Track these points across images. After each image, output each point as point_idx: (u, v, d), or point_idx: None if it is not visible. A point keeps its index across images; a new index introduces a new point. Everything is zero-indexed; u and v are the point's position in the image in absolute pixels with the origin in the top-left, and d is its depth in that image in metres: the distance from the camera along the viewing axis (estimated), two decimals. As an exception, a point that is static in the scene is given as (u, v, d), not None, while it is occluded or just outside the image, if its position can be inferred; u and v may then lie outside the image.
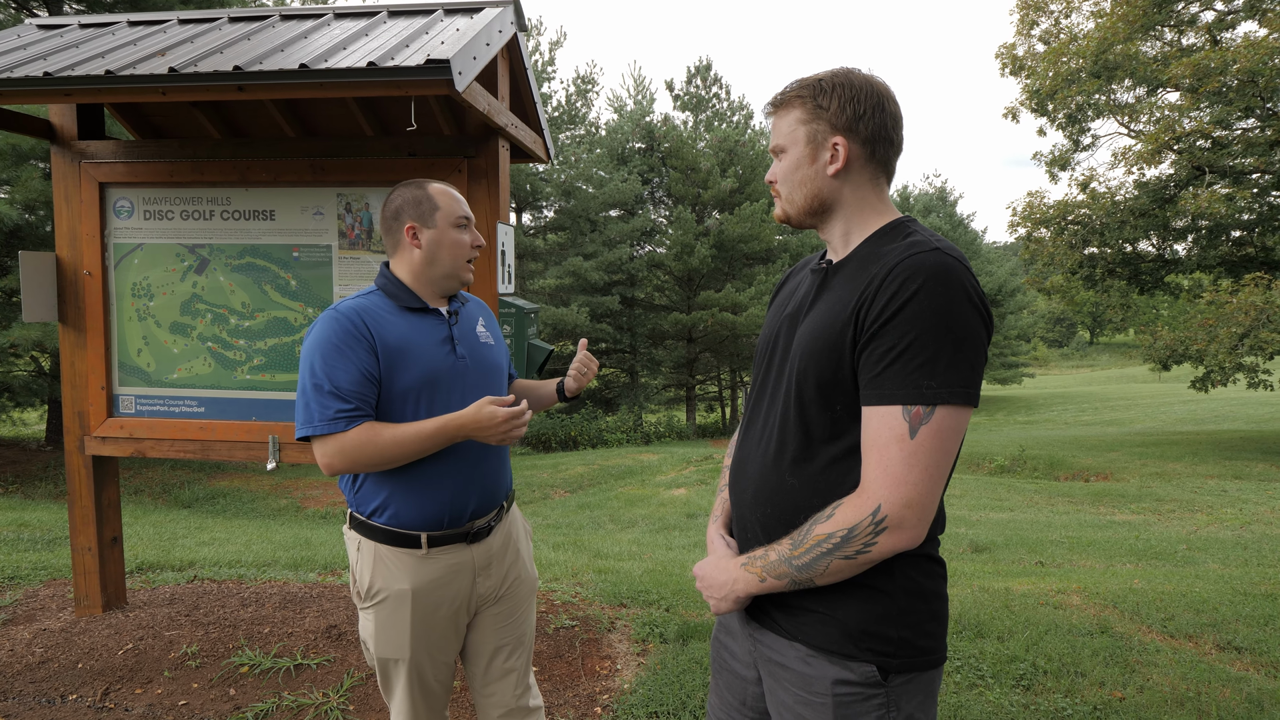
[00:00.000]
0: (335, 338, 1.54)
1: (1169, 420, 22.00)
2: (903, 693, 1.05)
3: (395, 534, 1.60)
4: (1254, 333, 11.34)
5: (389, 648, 1.62)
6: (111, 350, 3.05)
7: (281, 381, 2.99)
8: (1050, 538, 6.92)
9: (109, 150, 2.97)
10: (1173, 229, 14.97)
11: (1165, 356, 13.15)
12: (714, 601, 1.17)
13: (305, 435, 1.53)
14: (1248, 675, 2.89)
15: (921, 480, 0.98)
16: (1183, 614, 3.53)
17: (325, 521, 8.56)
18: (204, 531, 6.27)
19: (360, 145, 2.89)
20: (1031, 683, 2.79)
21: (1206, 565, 5.52)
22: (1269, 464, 11.44)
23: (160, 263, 3.01)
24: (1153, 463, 12.02)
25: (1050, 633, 3.26)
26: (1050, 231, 15.69)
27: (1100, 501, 9.39)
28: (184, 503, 9.40)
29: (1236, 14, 14.18)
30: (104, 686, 2.63)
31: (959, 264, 1.01)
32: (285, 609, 3.25)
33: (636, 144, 25.31)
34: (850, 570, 1.03)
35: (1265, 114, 12.96)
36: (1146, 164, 13.92)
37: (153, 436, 3.02)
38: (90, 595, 3.15)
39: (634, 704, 2.58)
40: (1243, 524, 7.57)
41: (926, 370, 0.97)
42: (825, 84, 1.12)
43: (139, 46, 2.56)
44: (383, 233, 1.71)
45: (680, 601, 3.68)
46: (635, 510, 9.63)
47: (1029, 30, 16.71)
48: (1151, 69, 13.82)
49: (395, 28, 2.59)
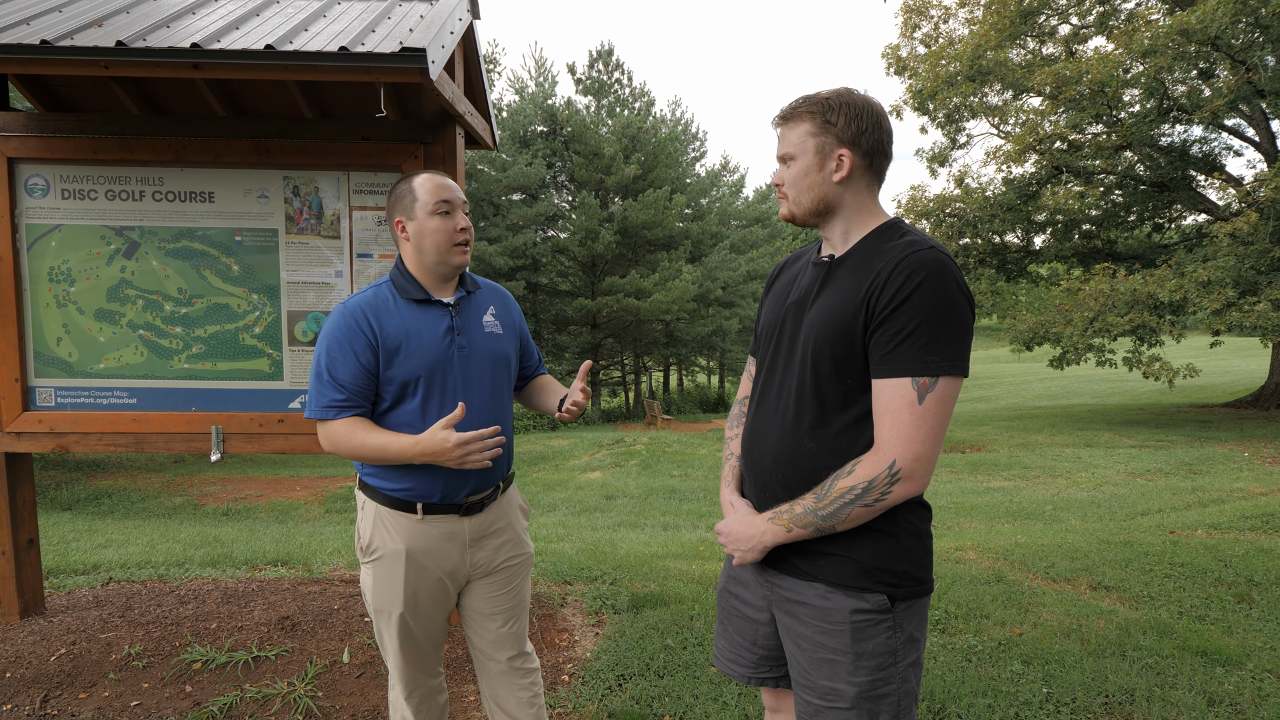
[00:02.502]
0: (339, 331, 1.67)
1: (1029, 396, 24.35)
2: (905, 616, 1.27)
3: (394, 499, 1.73)
4: (1102, 316, 12.78)
5: (382, 600, 1.76)
6: (26, 339, 2.84)
7: (224, 370, 2.89)
8: (938, 504, 7.61)
9: (18, 123, 2.75)
10: (1034, 223, 16.52)
11: (1028, 339, 14.56)
12: (739, 553, 1.34)
13: (310, 416, 1.69)
14: (1116, 609, 3.39)
15: (928, 438, 1.18)
16: (1061, 562, 4.06)
17: (229, 518, 8.11)
18: (97, 534, 5.83)
19: (309, 128, 2.82)
20: (946, 626, 3.16)
21: (1070, 522, 6.29)
22: (1113, 433, 12.97)
23: (82, 245, 2.83)
24: (1018, 434, 13.34)
25: (956, 584, 3.68)
26: (930, 223, 16.92)
27: (976, 471, 10.35)
28: (63, 504, 8.61)
29: (1088, 29, 15.78)
30: (41, 694, 2.49)
31: (949, 260, 1.22)
32: (229, 604, 3.16)
33: (539, 127, 25.05)
34: (867, 516, 1.22)
35: (1111, 121, 14.53)
36: (1013, 163, 15.31)
37: (78, 430, 2.85)
38: (6, 602, 2.94)
39: (600, 669, 2.72)
40: (1095, 485, 8.61)
41: (930, 348, 1.18)
42: (832, 102, 1.30)
43: (66, 14, 2.40)
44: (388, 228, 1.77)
45: (624, 575, 3.85)
46: (553, 495, 9.72)
47: (912, 33, 17.87)
48: (1018, 75, 15.15)
49: (354, 10, 2.56)
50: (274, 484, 10.08)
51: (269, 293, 2.88)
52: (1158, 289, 12.11)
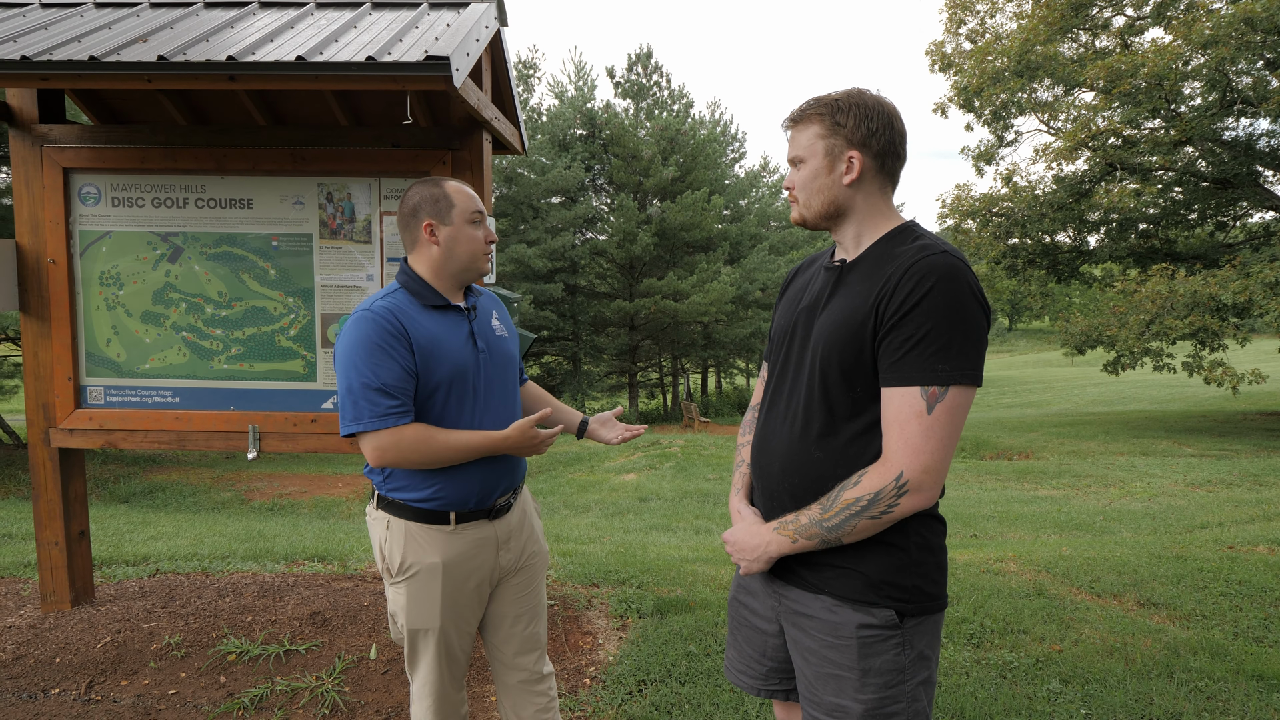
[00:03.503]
0: (376, 336, 1.59)
1: (1083, 402, 23.52)
2: (915, 633, 1.23)
3: (425, 512, 1.69)
4: (1159, 319, 12.28)
5: (420, 619, 1.71)
6: (78, 340, 2.97)
7: (261, 371, 2.98)
8: (981, 513, 7.40)
9: (73, 135, 2.88)
10: (1087, 222, 15.97)
11: (1081, 342, 14.08)
12: (745, 563, 1.32)
13: (353, 431, 1.59)
14: (1165, 627, 3.25)
15: (937, 450, 1.14)
16: (1107, 576, 3.91)
17: (274, 513, 8.37)
18: (150, 526, 6.08)
19: (342, 135, 2.89)
20: (981, 640, 3.06)
21: (1121, 534, 6.05)
22: (1171, 441, 12.44)
23: (130, 251, 2.95)
24: (1069, 442, 12.90)
25: (993, 596, 3.57)
26: (976, 223, 16.51)
27: (1024, 478, 10.05)
28: (120, 498, 9.00)
29: (1145, 20, 15.18)
30: (87, 679, 2.60)
31: (963, 265, 1.18)
32: (265, 598, 3.25)
33: (578, 131, 25.21)
34: (874, 529, 1.19)
35: (1170, 115, 13.95)
36: (1064, 160, 14.81)
37: (124, 428, 2.97)
38: (58, 590, 3.08)
39: (621, 673, 2.72)
40: (1150, 496, 8.27)
41: (940, 356, 1.14)
42: (842, 103, 1.27)
43: (115, 31, 2.51)
44: (400, 230, 1.77)
45: (651, 579, 3.84)
46: (588, 496, 9.77)
47: (957, 29, 17.44)
48: (1069, 70, 14.66)
49: (383, 20, 2.61)
50: (317, 480, 10.36)
51: (303, 296, 2.95)
52: (1220, 290, 11.57)
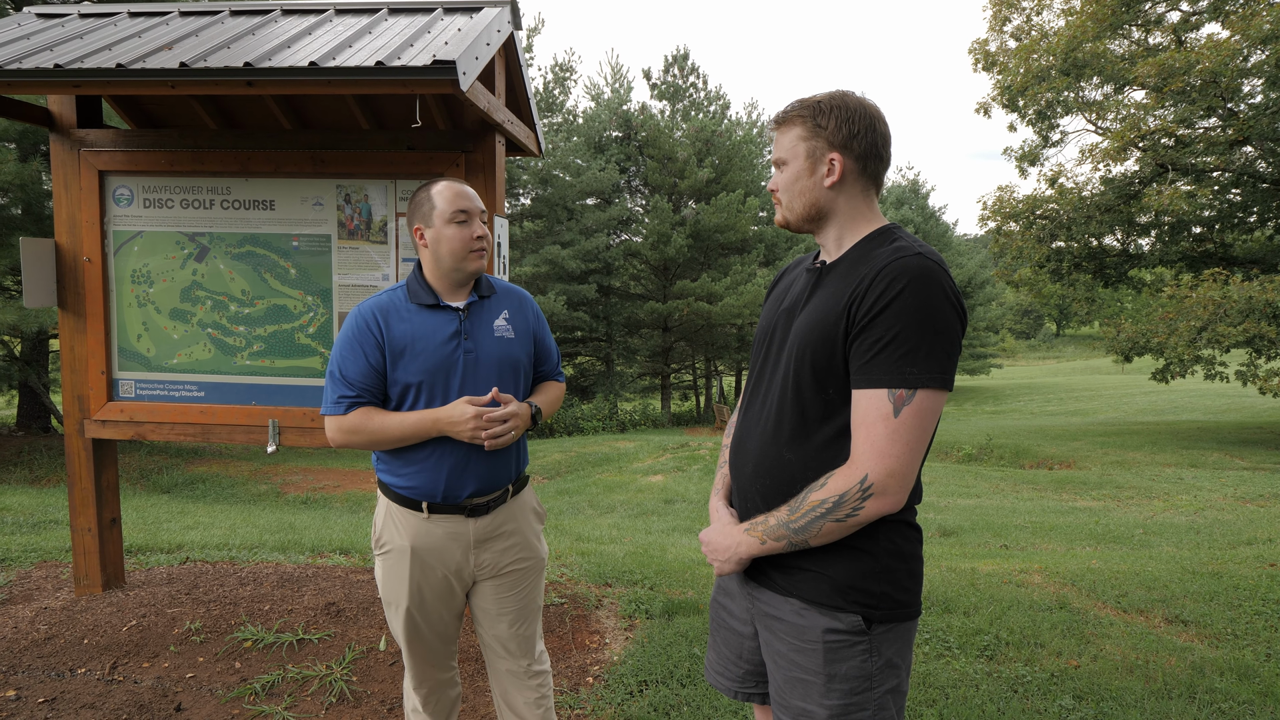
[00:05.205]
0: (350, 332, 1.77)
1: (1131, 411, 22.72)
2: (883, 640, 1.21)
3: (402, 496, 1.80)
4: (1212, 326, 11.79)
5: (390, 594, 1.85)
6: (111, 335, 3.10)
7: (281, 367, 3.07)
8: (1014, 522, 7.21)
9: (108, 139, 3.01)
10: (1137, 224, 15.42)
11: (1128, 349, 13.60)
12: (718, 563, 1.31)
13: (323, 414, 1.78)
14: (1192, 645, 3.12)
15: (903, 453, 1.13)
16: (1135, 591, 3.77)
17: (306, 506, 8.59)
18: (187, 516, 6.29)
19: (360, 138, 2.96)
20: (995, 653, 2.99)
21: (1161, 548, 5.82)
22: (1223, 453, 11.93)
23: (160, 250, 3.07)
24: (1114, 451, 12.47)
25: (1013, 608, 3.48)
26: (1019, 225, 16.08)
27: (1063, 489, 9.75)
28: (163, 488, 9.35)
29: (1201, 15, 14.61)
30: (111, 660, 2.71)
31: (938, 267, 1.16)
32: (283, 588, 3.34)
33: (614, 132, 25.30)
34: (840, 532, 1.18)
35: (1226, 114, 13.40)
36: (1113, 161, 14.32)
37: (153, 420, 3.08)
38: (90, 575, 3.21)
39: (624, 673, 2.72)
40: (1196, 510, 7.94)
41: (909, 359, 1.12)
42: (824, 105, 1.26)
43: (144, 39, 2.61)
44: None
45: (663, 581, 3.84)
46: (614, 496, 9.79)
47: (1001, 26, 17.02)
48: (1119, 67, 14.19)
49: (397, 25, 2.66)
50: (350, 475, 10.61)
51: (322, 295, 3.04)
52: (1278, 296, 11.07)
